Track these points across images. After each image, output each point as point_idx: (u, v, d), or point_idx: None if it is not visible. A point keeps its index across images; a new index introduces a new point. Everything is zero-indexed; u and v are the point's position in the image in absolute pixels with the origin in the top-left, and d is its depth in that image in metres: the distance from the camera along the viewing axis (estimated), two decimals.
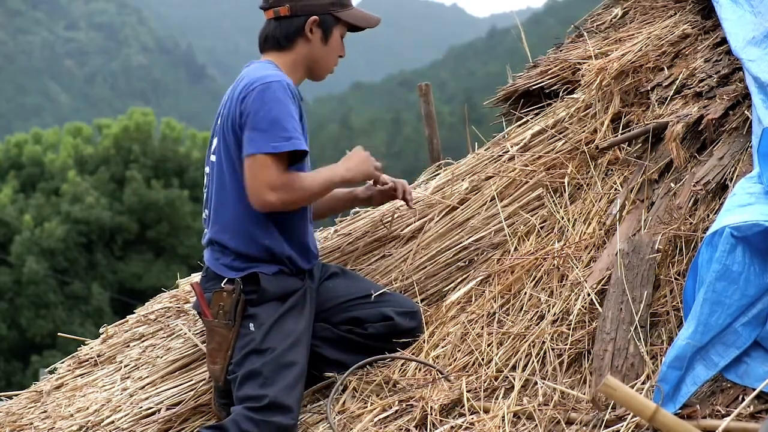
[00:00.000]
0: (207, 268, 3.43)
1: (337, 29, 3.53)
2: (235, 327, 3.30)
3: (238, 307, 3.30)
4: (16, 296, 23.40)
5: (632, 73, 3.88)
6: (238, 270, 3.34)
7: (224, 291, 3.31)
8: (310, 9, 3.47)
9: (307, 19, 3.47)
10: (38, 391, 4.04)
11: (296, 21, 3.48)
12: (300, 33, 3.48)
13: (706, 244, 2.86)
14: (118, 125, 26.86)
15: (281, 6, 3.47)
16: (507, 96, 4.44)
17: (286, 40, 3.49)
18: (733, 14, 3.89)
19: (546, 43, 4.75)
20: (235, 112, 3.33)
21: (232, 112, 3.34)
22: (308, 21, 3.47)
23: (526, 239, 3.67)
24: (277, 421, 3.17)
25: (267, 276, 3.33)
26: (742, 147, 3.40)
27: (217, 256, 3.39)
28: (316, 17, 3.48)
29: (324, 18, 3.49)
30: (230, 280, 3.33)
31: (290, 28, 3.48)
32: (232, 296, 3.30)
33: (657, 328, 3.07)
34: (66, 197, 24.92)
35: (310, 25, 3.48)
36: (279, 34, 3.49)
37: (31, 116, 75.00)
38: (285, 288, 3.37)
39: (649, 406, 2.48)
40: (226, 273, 3.35)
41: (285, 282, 3.38)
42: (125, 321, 4.24)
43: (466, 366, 3.28)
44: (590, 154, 3.80)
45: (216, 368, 3.33)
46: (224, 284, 3.33)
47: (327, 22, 3.50)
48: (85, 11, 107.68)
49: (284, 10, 3.47)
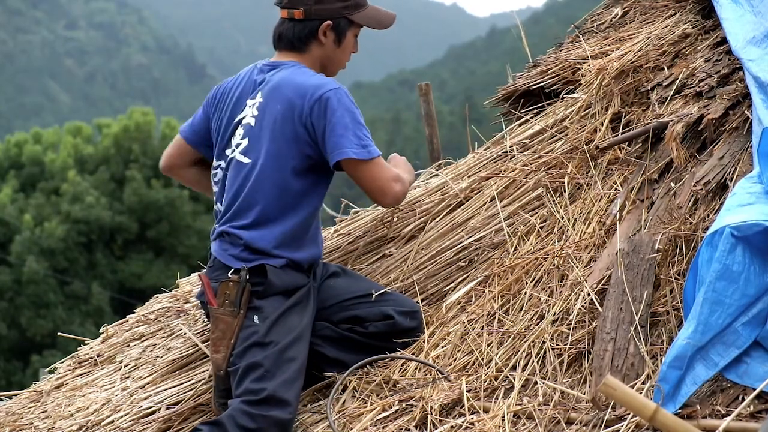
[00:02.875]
0: (214, 258, 3.46)
1: (351, 30, 3.58)
2: (239, 316, 3.32)
3: (243, 295, 3.32)
4: (16, 296, 23.38)
5: (632, 72, 3.87)
6: (246, 261, 3.37)
7: (231, 281, 3.35)
8: (324, 14, 3.51)
9: (321, 24, 3.51)
10: (38, 391, 4.04)
11: (310, 24, 3.52)
12: (314, 36, 3.53)
13: (706, 243, 2.86)
14: (118, 125, 26.83)
15: (296, 9, 3.51)
16: (507, 96, 4.44)
17: (300, 42, 3.54)
18: (733, 14, 3.89)
19: (546, 43, 4.75)
20: (303, 120, 3.39)
21: (294, 119, 3.39)
22: (322, 26, 3.52)
23: (526, 239, 3.67)
24: (275, 415, 3.18)
25: (274, 269, 3.36)
26: (742, 147, 3.40)
27: (226, 247, 3.42)
28: (330, 22, 3.51)
29: (338, 21, 3.53)
30: (236, 270, 3.36)
31: (304, 31, 3.53)
32: (238, 285, 3.33)
33: (657, 328, 3.07)
34: (66, 197, 24.90)
35: (324, 29, 3.52)
36: (293, 36, 3.54)
37: (31, 116, 75.03)
38: (291, 283, 3.40)
39: (649, 405, 2.48)
40: (233, 263, 3.38)
41: (291, 277, 3.41)
42: (125, 321, 4.24)
43: (466, 366, 3.28)
44: (590, 153, 3.80)
45: (218, 356, 3.34)
46: (231, 274, 3.36)
47: (341, 25, 3.54)
48: (85, 11, 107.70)
49: (299, 13, 3.51)
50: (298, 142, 3.41)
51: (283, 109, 3.42)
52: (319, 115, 3.38)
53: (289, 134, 3.41)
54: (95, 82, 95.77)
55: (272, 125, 3.43)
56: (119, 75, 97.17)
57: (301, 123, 3.40)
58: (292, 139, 3.41)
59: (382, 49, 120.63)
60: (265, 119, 3.45)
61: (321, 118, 3.37)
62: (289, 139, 3.41)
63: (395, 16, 3.71)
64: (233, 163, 3.50)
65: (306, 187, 3.44)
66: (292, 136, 3.40)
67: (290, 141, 3.41)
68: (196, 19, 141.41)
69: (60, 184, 25.63)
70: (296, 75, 3.47)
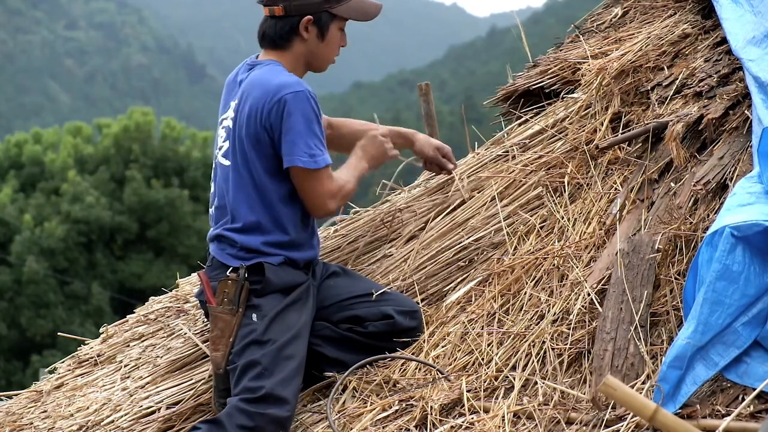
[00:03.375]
0: (212, 258, 3.47)
1: (334, 24, 3.52)
2: (238, 314, 3.33)
3: (242, 293, 3.33)
4: (16, 296, 23.38)
5: (632, 72, 3.87)
6: (244, 259, 3.38)
7: (229, 279, 3.35)
8: (304, 9, 3.46)
9: (302, 19, 3.47)
10: (38, 391, 4.04)
11: (290, 21, 3.47)
12: (295, 32, 3.49)
13: (706, 243, 2.86)
14: (118, 125, 26.84)
15: (276, 6, 3.47)
16: (507, 95, 4.44)
17: (282, 40, 3.50)
18: (733, 14, 3.89)
19: (546, 43, 4.75)
20: (262, 122, 3.36)
21: (255, 120, 3.37)
22: (302, 21, 3.47)
23: (526, 239, 3.67)
24: (272, 413, 3.18)
25: (272, 266, 3.37)
26: (742, 147, 3.40)
27: (224, 247, 3.43)
28: (310, 17, 3.48)
29: (319, 16, 3.49)
30: (235, 268, 3.36)
31: (285, 28, 3.49)
32: (236, 283, 3.33)
33: (657, 327, 3.07)
34: (66, 197, 24.91)
35: (305, 24, 3.47)
36: (275, 34, 3.50)
37: (31, 116, 75.01)
38: (289, 281, 3.40)
39: (649, 405, 2.48)
40: (231, 262, 3.39)
41: (289, 274, 3.41)
42: (125, 321, 4.24)
43: (466, 366, 3.28)
44: (590, 153, 3.80)
45: (218, 355, 3.35)
46: (229, 273, 3.37)
47: (322, 19, 3.49)
48: (85, 10, 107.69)
49: (278, 10, 3.47)
50: (261, 144, 3.38)
51: (249, 110, 3.39)
52: (276, 118, 3.34)
53: (253, 136, 3.38)
54: (95, 82, 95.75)
55: (240, 127, 3.41)
56: (119, 75, 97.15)
57: (261, 125, 3.37)
58: (256, 140, 3.38)
59: (382, 49, 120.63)
60: (238, 120, 3.44)
61: (277, 120, 3.34)
62: (253, 140, 3.39)
63: (381, 6, 3.65)
64: (218, 166, 3.51)
65: (287, 188, 3.42)
66: (255, 138, 3.38)
67: (254, 143, 3.39)
68: (196, 19, 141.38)
69: (60, 184, 25.63)
70: (266, 74, 3.43)
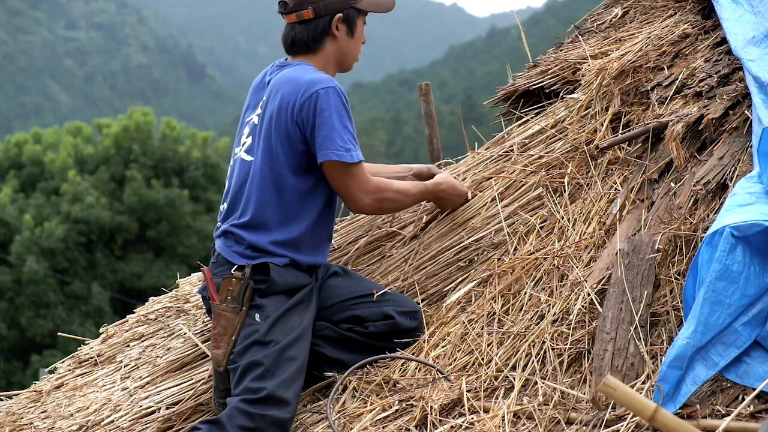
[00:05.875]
0: (218, 254, 3.47)
1: (359, 19, 3.59)
2: (241, 313, 3.33)
3: (246, 292, 3.33)
4: (16, 296, 23.37)
5: (632, 72, 3.88)
6: (250, 258, 3.38)
7: (234, 277, 3.36)
8: (333, 7, 3.52)
9: (332, 18, 3.51)
10: (38, 391, 4.05)
11: (321, 21, 3.53)
12: (327, 33, 3.54)
13: (706, 243, 2.86)
14: (118, 125, 26.83)
15: (304, 9, 3.51)
16: (507, 96, 4.44)
17: (314, 42, 3.54)
18: (733, 14, 3.89)
19: (546, 43, 4.75)
20: (294, 117, 3.38)
21: (286, 115, 3.39)
22: (333, 20, 3.52)
23: (526, 239, 3.67)
24: (273, 414, 3.18)
25: (277, 267, 3.37)
26: (742, 147, 3.40)
27: (230, 244, 3.44)
28: (341, 14, 3.52)
29: (347, 12, 3.54)
30: (240, 267, 3.37)
31: (317, 30, 3.54)
32: (241, 282, 3.33)
33: (657, 327, 3.07)
34: (66, 197, 24.89)
35: (336, 23, 3.53)
36: (306, 38, 3.54)
37: (31, 116, 75.06)
38: (294, 282, 3.41)
39: (649, 405, 2.48)
40: (236, 260, 3.39)
41: (294, 276, 3.42)
42: (125, 321, 4.25)
43: (466, 366, 3.28)
44: (590, 154, 3.80)
45: (219, 352, 3.35)
46: (234, 270, 3.37)
47: (350, 15, 3.55)
48: (85, 11, 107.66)
49: (308, 13, 3.51)
50: (291, 140, 3.41)
51: (279, 106, 3.42)
52: (309, 113, 3.38)
53: (283, 131, 3.41)
54: (95, 82, 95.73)
55: (269, 122, 3.44)
56: (119, 75, 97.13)
57: (293, 120, 3.40)
58: (286, 136, 3.41)
59: (382, 49, 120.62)
60: (265, 117, 3.47)
61: (310, 115, 3.38)
62: (283, 136, 3.41)
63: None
64: (238, 161, 3.52)
65: (307, 186, 3.44)
66: (286, 134, 3.41)
67: (284, 138, 3.41)
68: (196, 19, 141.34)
69: (60, 184, 25.62)
70: (297, 72, 3.48)
